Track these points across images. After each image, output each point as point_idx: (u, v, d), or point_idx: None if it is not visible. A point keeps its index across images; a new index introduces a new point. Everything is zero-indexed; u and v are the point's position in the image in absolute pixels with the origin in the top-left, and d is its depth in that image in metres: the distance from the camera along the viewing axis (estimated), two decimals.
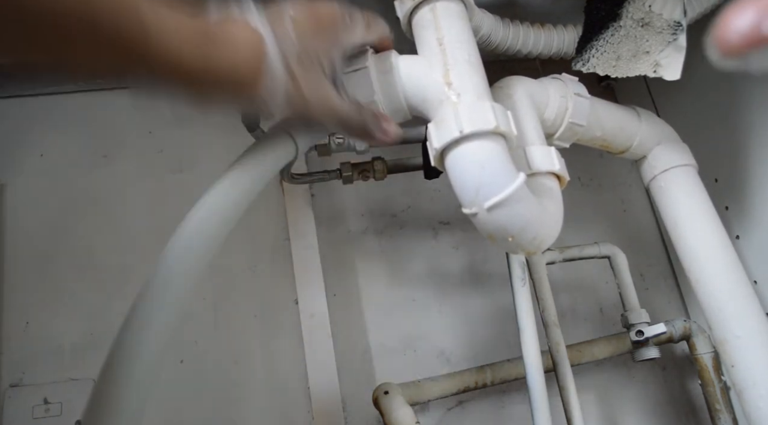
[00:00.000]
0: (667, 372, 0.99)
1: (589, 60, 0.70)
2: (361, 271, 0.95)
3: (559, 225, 0.51)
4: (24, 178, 0.88)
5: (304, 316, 0.87)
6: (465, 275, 0.98)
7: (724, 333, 0.69)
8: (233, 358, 0.86)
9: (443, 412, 0.90)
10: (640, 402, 0.97)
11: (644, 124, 0.72)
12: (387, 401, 0.68)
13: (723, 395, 0.85)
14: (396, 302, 0.94)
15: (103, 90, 0.98)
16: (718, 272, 0.70)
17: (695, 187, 0.74)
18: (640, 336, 0.84)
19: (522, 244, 0.47)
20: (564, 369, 0.72)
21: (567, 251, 0.86)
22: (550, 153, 0.55)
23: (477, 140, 0.45)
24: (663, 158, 0.74)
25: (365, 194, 0.99)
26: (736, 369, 0.69)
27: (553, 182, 0.54)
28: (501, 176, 0.45)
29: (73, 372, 0.81)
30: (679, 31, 0.68)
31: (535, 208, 0.47)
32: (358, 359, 0.90)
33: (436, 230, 1.00)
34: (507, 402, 0.92)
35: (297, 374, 0.86)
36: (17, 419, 0.77)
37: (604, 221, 1.07)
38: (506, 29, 0.72)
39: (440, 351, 0.93)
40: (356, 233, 0.97)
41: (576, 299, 1.00)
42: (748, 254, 0.85)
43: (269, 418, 0.85)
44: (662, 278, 1.05)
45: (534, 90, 0.61)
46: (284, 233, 0.92)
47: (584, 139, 0.68)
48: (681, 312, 1.03)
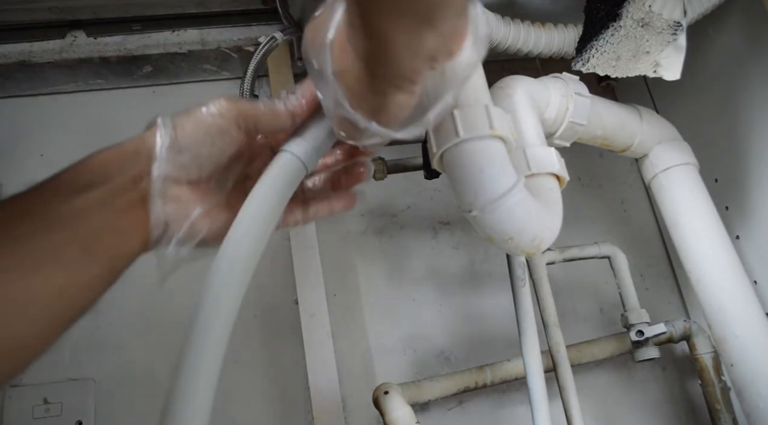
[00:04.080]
0: (667, 372, 0.99)
1: (589, 60, 0.70)
2: (361, 271, 0.95)
3: (558, 226, 0.51)
4: (24, 178, 0.88)
5: (304, 316, 0.87)
6: (465, 275, 0.98)
7: (724, 332, 0.69)
8: (233, 358, 0.86)
9: (443, 412, 0.90)
10: (640, 402, 0.97)
11: (645, 122, 0.72)
12: (387, 401, 0.68)
13: (723, 395, 0.85)
14: (396, 302, 0.94)
15: (103, 90, 0.98)
16: (718, 272, 0.70)
17: (696, 185, 0.74)
18: (640, 336, 0.83)
19: (521, 245, 0.47)
20: (564, 369, 0.72)
21: (567, 251, 0.86)
22: (549, 154, 0.55)
23: (475, 143, 0.45)
24: (664, 156, 0.74)
25: (365, 194, 0.98)
26: (735, 368, 0.69)
27: (553, 183, 0.54)
28: (499, 178, 0.45)
29: (73, 372, 0.81)
30: (679, 31, 0.68)
31: (534, 209, 0.47)
32: (358, 359, 0.90)
33: (436, 230, 1.00)
34: (507, 402, 0.92)
35: (297, 374, 0.86)
36: (17, 419, 0.77)
37: (604, 221, 1.07)
38: (506, 28, 0.72)
39: (440, 351, 0.93)
40: (356, 233, 0.97)
41: (576, 299, 1.00)
42: (748, 254, 0.85)
43: (269, 418, 0.85)
44: (662, 278, 1.05)
45: (534, 90, 0.61)
46: (284, 233, 0.92)
47: (585, 138, 0.68)
48: (681, 312, 1.03)
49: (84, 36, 0.93)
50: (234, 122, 0.39)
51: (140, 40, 0.94)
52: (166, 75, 0.99)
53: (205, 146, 0.39)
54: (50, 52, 0.91)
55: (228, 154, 0.40)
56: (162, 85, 1.00)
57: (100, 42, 0.93)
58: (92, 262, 0.35)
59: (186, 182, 0.39)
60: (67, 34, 0.93)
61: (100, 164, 0.37)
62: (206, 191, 0.40)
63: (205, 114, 0.39)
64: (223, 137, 0.39)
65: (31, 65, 0.91)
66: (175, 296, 0.75)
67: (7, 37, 0.90)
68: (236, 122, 0.39)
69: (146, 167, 0.37)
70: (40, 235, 0.33)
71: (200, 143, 0.38)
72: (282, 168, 0.39)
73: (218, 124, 0.39)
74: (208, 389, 0.31)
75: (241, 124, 0.39)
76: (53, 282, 0.33)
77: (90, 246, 0.34)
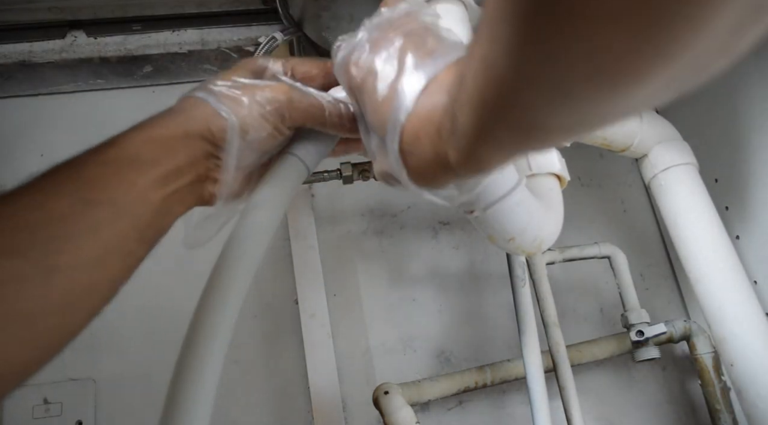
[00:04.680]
0: (667, 372, 0.99)
1: None
2: (361, 271, 0.95)
3: (559, 225, 0.51)
4: (24, 178, 0.88)
5: (304, 316, 0.87)
6: (465, 275, 0.98)
7: (724, 332, 0.69)
8: (233, 358, 0.86)
9: (443, 412, 0.90)
10: (640, 402, 0.97)
11: (645, 122, 0.72)
12: (387, 401, 0.68)
13: (723, 395, 0.85)
14: (396, 302, 0.94)
15: (104, 90, 0.98)
16: (718, 272, 0.71)
17: (696, 185, 0.74)
18: (640, 336, 0.83)
19: (523, 245, 0.47)
20: (564, 369, 0.72)
21: (567, 251, 0.86)
22: (550, 154, 0.55)
23: None
24: (664, 156, 0.74)
25: (365, 194, 0.99)
26: (735, 367, 0.69)
27: (554, 183, 0.54)
28: (501, 177, 0.45)
29: (73, 372, 0.81)
30: None
31: (535, 209, 0.47)
32: (358, 359, 0.90)
33: (436, 230, 1.00)
34: (507, 402, 0.92)
35: (297, 374, 0.86)
36: (17, 419, 0.77)
37: (604, 221, 1.07)
38: None
39: (440, 351, 0.93)
40: (356, 233, 0.97)
41: (576, 299, 1.00)
42: (748, 254, 0.85)
43: (269, 418, 0.85)
44: (662, 278, 1.05)
45: None
46: (284, 233, 0.92)
47: (585, 137, 0.68)
48: (681, 312, 1.03)
49: (84, 36, 0.93)
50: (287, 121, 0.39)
51: (140, 40, 0.94)
52: (166, 75, 0.99)
53: (264, 141, 0.39)
54: (50, 52, 0.91)
55: (278, 144, 0.41)
56: (162, 85, 1.00)
57: (100, 42, 0.93)
58: (142, 247, 0.35)
59: (235, 167, 0.39)
60: (67, 34, 0.93)
61: (164, 142, 0.36)
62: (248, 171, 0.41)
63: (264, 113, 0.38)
64: (276, 134, 0.39)
65: (31, 65, 0.91)
66: (175, 297, 0.75)
67: (7, 37, 0.90)
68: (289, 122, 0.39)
69: (206, 151, 0.38)
70: (106, 227, 0.32)
71: (261, 142, 0.39)
72: (286, 171, 0.40)
73: (275, 125, 0.39)
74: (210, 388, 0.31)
75: (287, 119, 0.39)
76: (113, 274, 0.33)
77: (145, 234, 0.35)
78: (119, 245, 0.33)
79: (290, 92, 0.39)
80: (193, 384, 0.30)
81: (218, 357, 0.32)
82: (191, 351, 0.31)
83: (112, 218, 0.32)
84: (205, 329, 0.32)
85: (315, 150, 0.41)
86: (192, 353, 0.31)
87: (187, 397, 0.30)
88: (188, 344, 0.32)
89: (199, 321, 0.32)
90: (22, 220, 0.30)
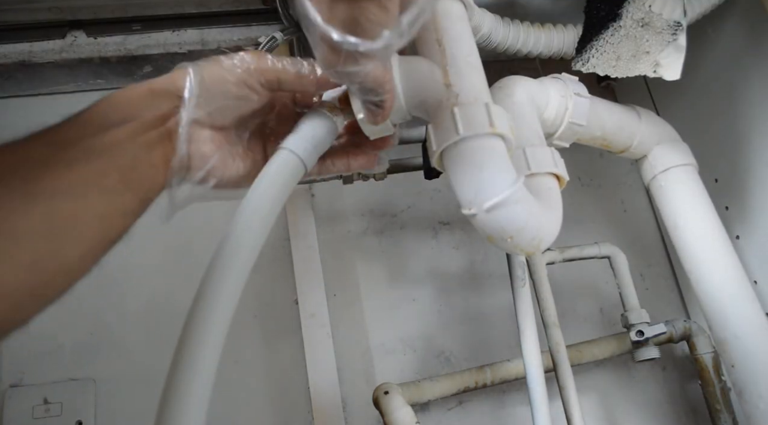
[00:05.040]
0: (667, 372, 0.99)
1: (589, 60, 0.70)
2: (361, 271, 0.95)
3: (558, 225, 0.51)
4: None
5: (304, 316, 0.87)
6: (465, 275, 0.98)
7: (724, 333, 0.69)
8: (233, 358, 0.86)
9: (443, 412, 0.90)
10: (640, 402, 0.97)
11: (644, 123, 0.72)
12: (387, 401, 0.68)
13: (723, 395, 0.85)
14: (396, 302, 0.94)
15: (104, 90, 0.98)
16: (718, 272, 0.70)
17: (695, 186, 0.74)
18: (640, 336, 0.83)
19: (521, 244, 0.47)
20: (564, 369, 0.72)
21: (567, 251, 0.86)
22: (549, 154, 0.55)
23: (475, 141, 0.45)
24: (663, 157, 0.74)
25: (365, 194, 0.99)
26: (736, 369, 0.69)
27: (553, 182, 0.54)
28: (499, 176, 0.45)
29: (73, 372, 0.81)
30: (679, 31, 0.68)
31: (534, 208, 0.47)
32: (358, 359, 0.90)
33: (436, 230, 1.00)
34: (507, 402, 0.92)
35: (297, 374, 0.86)
36: (17, 419, 0.77)
37: (604, 221, 1.07)
38: (506, 29, 0.72)
39: (440, 351, 0.93)
40: (356, 233, 0.97)
41: (576, 299, 1.00)
42: (748, 254, 0.85)
43: (269, 418, 0.85)
44: (662, 278, 1.05)
45: (534, 90, 0.61)
46: (284, 233, 0.92)
47: (584, 138, 0.68)
48: (681, 312, 1.03)
49: (84, 36, 0.93)
50: (257, 78, 0.41)
51: (140, 40, 0.94)
52: None
53: (230, 98, 0.41)
54: (50, 52, 0.91)
55: (251, 107, 0.42)
56: None
57: (100, 42, 0.93)
58: (128, 191, 0.36)
59: (209, 126, 0.41)
60: (67, 34, 0.93)
61: (130, 101, 0.38)
62: (226, 137, 0.42)
63: (231, 67, 0.40)
64: (247, 92, 0.41)
65: (31, 65, 0.91)
66: (175, 297, 0.75)
67: (7, 37, 0.90)
68: (259, 79, 0.41)
69: (174, 106, 0.39)
70: (82, 164, 0.34)
71: (226, 94, 0.40)
72: (281, 166, 0.40)
73: (243, 79, 0.40)
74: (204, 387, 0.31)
75: (264, 82, 0.41)
76: (96, 208, 0.34)
77: (126, 176, 0.36)
78: (97, 180, 0.34)
79: (262, 53, 0.41)
80: (187, 383, 0.30)
81: (213, 355, 0.32)
82: (185, 349, 0.31)
83: (86, 158, 0.34)
84: (199, 327, 0.32)
85: (310, 144, 0.41)
86: (186, 352, 0.31)
87: (181, 397, 0.30)
88: (182, 343, 0.32)
89: (193, 319, 0.32)
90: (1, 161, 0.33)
